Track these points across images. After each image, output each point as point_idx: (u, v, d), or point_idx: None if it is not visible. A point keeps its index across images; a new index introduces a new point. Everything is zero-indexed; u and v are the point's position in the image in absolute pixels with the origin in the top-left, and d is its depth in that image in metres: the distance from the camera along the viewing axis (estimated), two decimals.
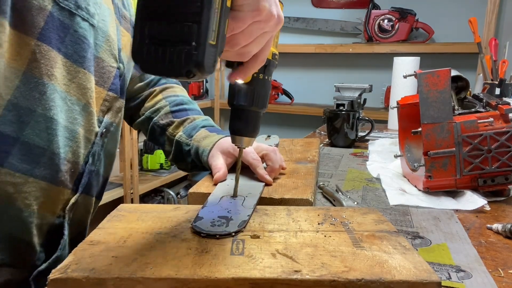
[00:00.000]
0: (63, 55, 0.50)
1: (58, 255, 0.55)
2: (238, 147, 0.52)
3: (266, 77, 0.49)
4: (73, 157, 0.54)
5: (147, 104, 0.81)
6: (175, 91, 0.84)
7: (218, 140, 0.70)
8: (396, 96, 1.32)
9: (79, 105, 0.53)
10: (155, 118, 0.79)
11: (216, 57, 0.36)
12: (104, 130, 0.59)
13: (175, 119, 0.78)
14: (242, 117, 0.48)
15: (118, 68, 0.61)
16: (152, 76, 0.83)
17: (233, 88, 0.48)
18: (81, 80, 0.53)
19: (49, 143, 0.50)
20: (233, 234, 0.43)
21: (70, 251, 0.60)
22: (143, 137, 2.25)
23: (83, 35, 0.52)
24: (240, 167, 0.55)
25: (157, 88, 0.83)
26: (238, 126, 0.49)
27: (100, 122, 0.59)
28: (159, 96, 0.81)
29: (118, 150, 2.17)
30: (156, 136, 0.80)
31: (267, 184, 0.63)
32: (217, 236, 0.42)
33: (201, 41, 0.33)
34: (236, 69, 0.44)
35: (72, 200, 0.55)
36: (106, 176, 0.66)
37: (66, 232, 0.55)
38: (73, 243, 0.61)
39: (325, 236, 0.43)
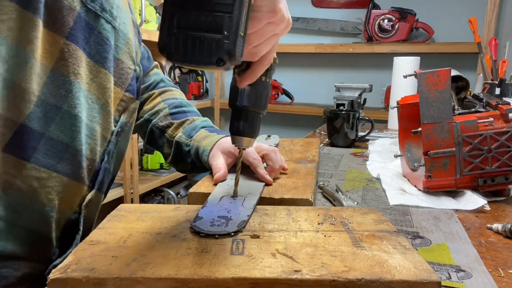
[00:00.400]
0: (87, 55, 0.52)
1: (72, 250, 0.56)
2: (238, 148, 0.52)
3: (268, 80, 0.50)
4: (91, 154, 0.55)
5: (146, 107, 0.82)
6: (173, 94, 0.84)
7: (219, 140, 0.70)
8: (396, 96, 1.32)
9: (99, 104, 0.55)
10: (154, 120, 0.80)
11: (243, 48, 0.37)
12: (119, 129, 0.60)
13: (174, 121, 0.78)
14: (244, 117, 0.49)
15: (135, 70, 0.63)
16: (152, 80, 0.84)
17: (235, 89, 0.48)
18: (101, 80, 0.54)
19: (72, 140, 0.51)
20: (232, 234, 0.43)
21: None
22: None
23: (106, 36, 0.54)
24: (240, 168, 0.55)
25: (156, 91, 0.83)
26: (240, 126, 0.49)
27: (116, 121, 0.60)
28: (158, 99, 0.82)
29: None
30: (155, 138, 0.80)
31: (267, 184, 0.63)
32: (216, 236, 0.42)
33: (232, 30, 0.34)
34: (244, 73, 0.45)
35: (88, 197, 0.57)
36: (114, 174, 0.67)
37: (81, 227, 0.57)
38: (83, 239, 0.62)
39: (325, 236, 0.43)
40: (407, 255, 0.39)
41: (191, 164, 0.75)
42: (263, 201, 0.58)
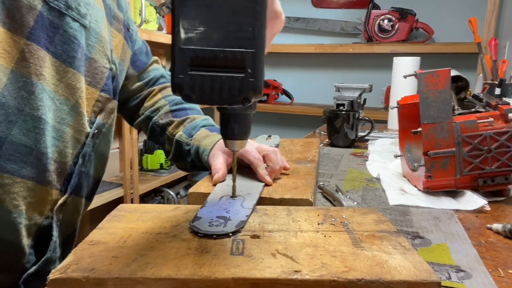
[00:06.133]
0: (52, 54, 0.50)
1: (48, 257, 0.54)
2: (232, 151, 0.50)
3: None
4: (59, 157, 0.53)
5: (147, 104, 0.81)
6: None
7: (219, 139, 0.69)
8: (396, 96, 1.32)
9: (68, 105, 0.53)
10: (154, 118, 0.79)
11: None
12: (96, 131, 0.58)
13: (174, 119, 0.77)
14: (235, 120, 0.46)
15: (111, 69, 0.60)
16: (151, 76, 0.83)
17: None
18: (70, 80, 0.52)
19: (37, 143, 0.50)
20: (231, 234, 0.43)
21: (62, 253, 0.59)
22: (143, 137, 2.25)
23: (73, 35, 0.52)
24: (236, 171, 0.55)
25: (156, 88, 0.82)
26: (232, 130, 0.47)
27: (92, 123, 0.58)
28: (159, 95, 0.81)
29: (112, 151, 2.15)
30: (156, 135, 0.80)
31: (267, 185, 0.63)
32: (214, 236, 0.42)
33: (257, 67, 0.32)
34: None
35: (60, 201, 0.55)
36: (98, 178, 0.65)
37: (55, 233, 0.55)
38: (65, 244, 0.60)
39: (325, 236, 0.43)
40: (407, 255, 0.39)
41: (191, 163, 0.75)
42: (263, 201, 0.58)
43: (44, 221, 0.54)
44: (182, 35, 0.32)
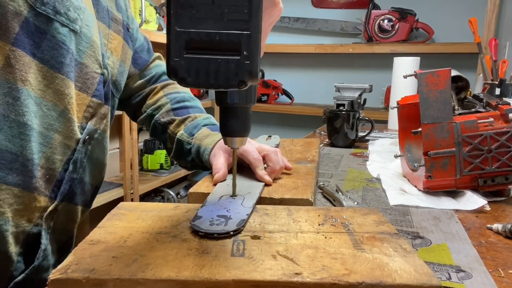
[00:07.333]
0: (39, 60, 0.49)
1: (36, 265, 0.54)
2: (232, 148, 0.50)
3: None
4: (47, 163, 0.53)
5: (149, 102, 0.81)
6: (176, 87, 0.83)
7: (220, 139, 0.69)
8: (396, 96, 1.32)
9: (56, 111, 0.52)
10: (156, 116, 0.79)
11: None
12: (87, 137, 0.58)
13: (176, 117, 0.77)
14: (235, 116, 0.46)
15: (102, 74, 0.60)
16: (153, 73, 0.82)
17: None
18: (58, 85, 0.52)
19: (22, 149, 0.49)
20: (232, 233, 0.43)
21: (58, 259, 0.59)
22: (143, 137, 2.25)
23: (62, 40, 0.51)
24: (236, 169, 0.55)
25: (158, 85, 0.82)
26: (232, 126, 0.46)
27: (83, 128, 0.57)
28: (160, 93, 0.81)
29: (113, 151, 2.15)
30: (158, 133, 0.80)
31: (267, 184, 0.63)
32: (215, 235, 0.42)
33: (252, 49, 0.32)
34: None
35: (50, 208, 0.54)
36: (96, 184, 0.64)
37: (44, 241, 0.54)
38: (61, 251, 0.59)
39: (325, 237, 0.43)
40: (408, 258, 0.39)
41: (191, 162, 0.75)
42: (263, 201, 0.58)
43: (33, 229, 0.53)
44: (177, 18, 0.32)
